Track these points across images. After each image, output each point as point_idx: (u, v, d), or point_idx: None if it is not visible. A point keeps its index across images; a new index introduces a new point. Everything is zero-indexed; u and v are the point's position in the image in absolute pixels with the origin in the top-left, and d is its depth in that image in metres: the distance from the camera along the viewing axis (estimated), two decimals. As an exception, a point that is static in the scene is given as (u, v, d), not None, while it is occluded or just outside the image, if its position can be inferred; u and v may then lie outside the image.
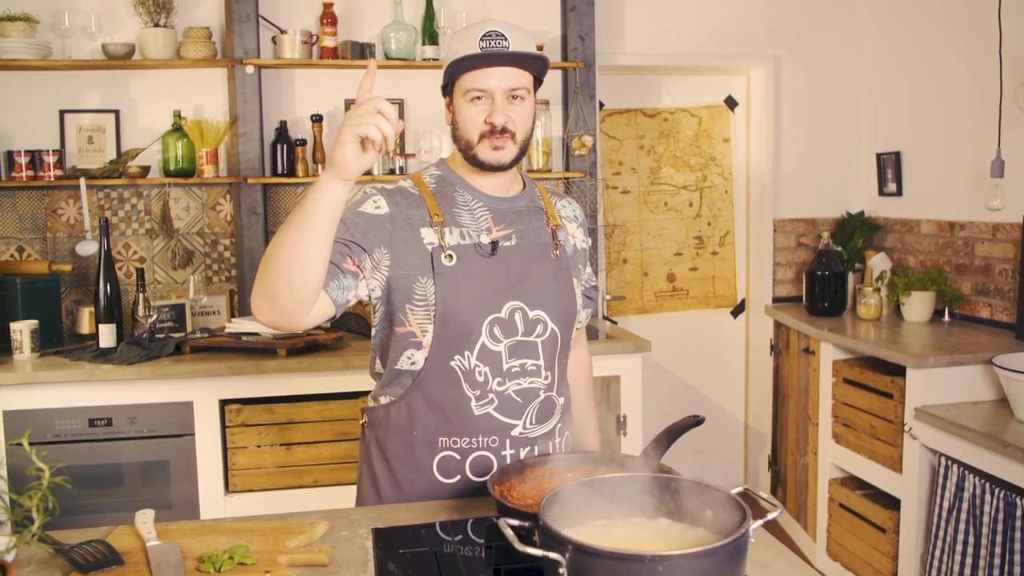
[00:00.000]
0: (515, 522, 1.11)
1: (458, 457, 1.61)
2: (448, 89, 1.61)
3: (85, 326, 3.32)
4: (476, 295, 1.57)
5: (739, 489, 1.17)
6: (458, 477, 1.61)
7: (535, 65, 1.58)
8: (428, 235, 1.58)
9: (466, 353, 1.58)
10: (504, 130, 1.55)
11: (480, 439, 1.60)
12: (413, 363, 1.61)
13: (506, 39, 1.54)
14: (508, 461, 1.60)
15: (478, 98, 1.55)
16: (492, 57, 1.53)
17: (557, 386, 1.67)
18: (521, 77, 1.56)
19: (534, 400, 1.62)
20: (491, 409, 1.59)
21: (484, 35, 1.54)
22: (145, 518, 1.40)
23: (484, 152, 1.57)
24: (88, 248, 3.32)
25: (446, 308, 1.56)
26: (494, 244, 1.61)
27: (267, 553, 1.31)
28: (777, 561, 1.29)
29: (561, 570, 1.01)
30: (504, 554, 1.30)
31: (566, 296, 1.67)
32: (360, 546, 1.38)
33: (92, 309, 3.27)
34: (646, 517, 1.21)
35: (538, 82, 1.61)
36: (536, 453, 1.62)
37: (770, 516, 1.10)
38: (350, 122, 1.31)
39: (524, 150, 1.61)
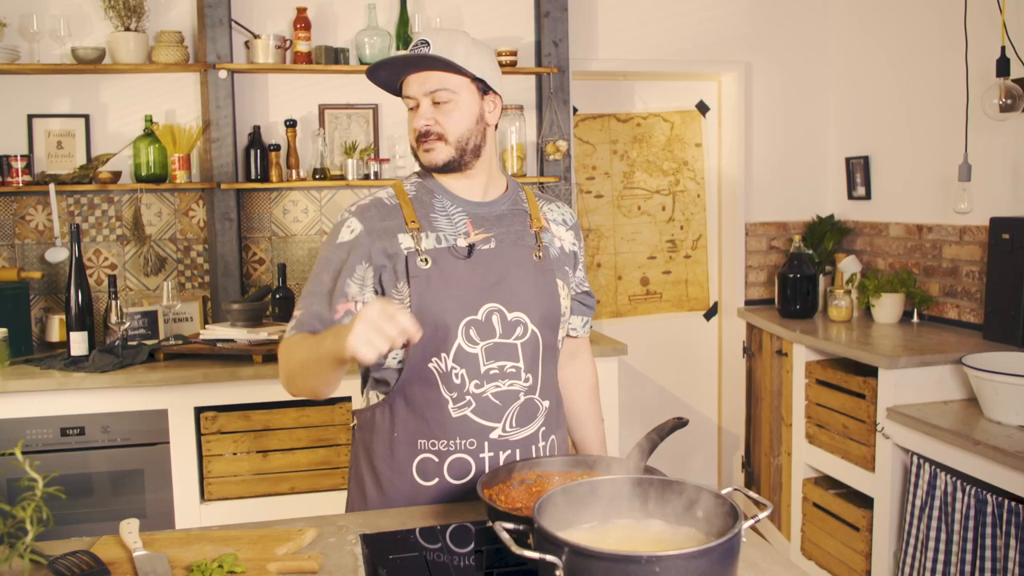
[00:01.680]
0: (509, 525, 1.11)
1: (436, 460, 1.61)
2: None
3: (55, 334, 3.27)
4: (451, 297, 1.57)
5: (729, 489, 1.19)
6: (436, 480, 1.61)
7: (451, 66, 1.57)
8: (405, 240, 1.61)
9: (443, 355, 1.58)
10: (428, 133, 1.59)
11: (458, 441, 1.60)
12: (400, 363, 1.62)
13: (427, 45, 1.58)
14: (487, 464, 1.60)
15: (411, 106, 1.61)
16: (397, 64, 1.58)
17: (541, 389, 1.66)
18: (443, 79, 1.58)
19: (513, 403, 1.61)
20: (468, 411, 1.59)
21: (412, 45, 1.61)
22: (130, 528, 1.39)
23: (421, 155, 1.63)
24: (58, 255, 3.26)
25: (421, 310, 1.56)
26: (471, 247, 1.62)
27: (256, 561, 1.30)
28: (764, 560, 1.31)
29: (558, 572, 1.01)
30: (495, 557, 1.31)
31: (548, 297, 1.67)
32: (349, 552, 1.37)
33: (62, 317, 3.23)
34: (636, 519, 1.22)
35: (482, 82, 1.61)
36: (517, 457, 1.62)
37: (761, 515, 1.12)
38: (370, 332, 1.30)
39: (465, 150, 1.62)
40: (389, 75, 1.62)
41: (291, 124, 3.44)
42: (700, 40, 3.97)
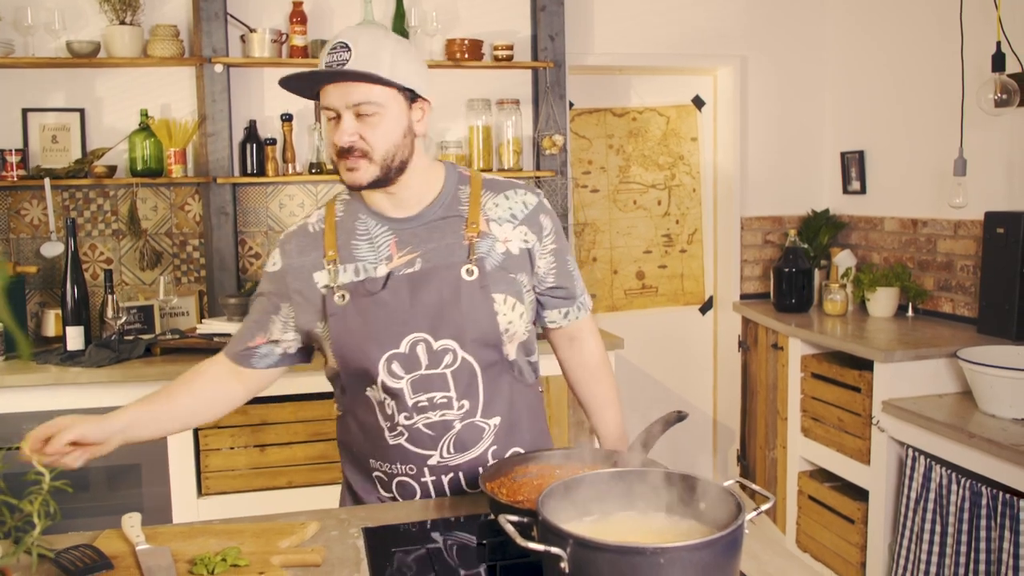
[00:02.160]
0: (514, 518, 1.12)
1: (385, 479, 1.62)
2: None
3: (51, 328, 3.26)
4: (368, 333, 1.51)
5: (731, 481, 1.19)
6: (391, 495, 1.63)
7: (376, 80, 1.44)
8: (321, 278, 1.56)
9: (373, 386, 1.55)
10: (352, 150, 1.46)
11: (399, 465, 1.58)
12: (342, 385, 1.62)
13: (349, 51, 1.43)
14: (431, 487, 1.59)
15: (332, 117, 1.47)
16: (323, 72, 1.44)
17: (484, 410, 1.57)
18: (370, 91, 1.44)
19: (448, 432, 1.55)
20: (403, 441, 1.56)
21: (331, 48, 1.45)
22: (132, 521, 1.39)
23: (342, 172, 1.49)
24: (53, 249, 3.25)
25: (341, 348, 1.54)
26: (388, 276, 1.52)
27: (259, 554, 1.31)
28: (765, 551, 1.32)
29: (563, 564, 1.02)
30: (498, 550, 1.31)
31: (482, 319, 1.53)
32: (352, 545, 1.38)
33: (58, 311, 3.22)
34: (638, 512, 1.23)
35: (413, 93, 1.49)
36: (462, 480, 1.58)
37: (763, 507, 1.12)
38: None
39: (391, 168, 1.49)
40: (304, 82, 1.47)
41: (287, 118, 3.43)
42: (695, 35, 3.97)
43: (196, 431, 2.93)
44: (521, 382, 1.65)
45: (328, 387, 3.00)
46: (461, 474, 1.58)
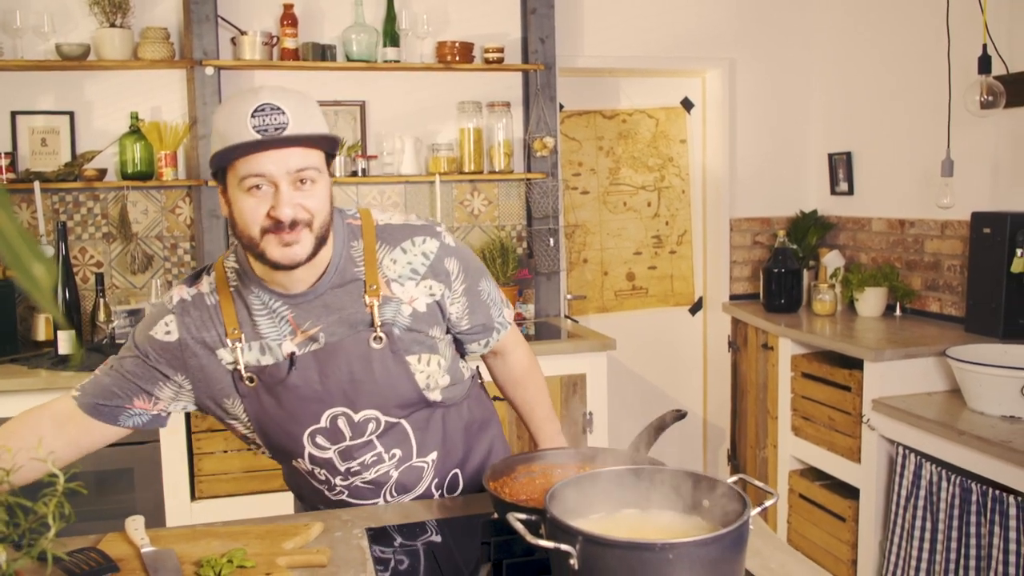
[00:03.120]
0: (522, 516, 1.13)
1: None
2: (219, 176, 1.37)
3: (41, 333, 3.24)
4: (285, 413, 1.46)
5: (735, 478, 1.21)
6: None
7: (324, 142, 1.35)
8: (224, 355, 1.45)
9: (299, 460, 1.53)
10: (294, 223, 1.32)
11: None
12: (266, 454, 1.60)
13: (283, 113, 1.30)
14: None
15: (256, 187, 1.31)
16: (267, 144, 1.29)
17: (419, 451, 1.55)
18: (308, 155, 1.32)
19: (387, 482, 1.55)
20: (345, 496, 1.57)
21: (255, 111, 1.29)
22: (136, 524, 1.39)
23: (273, 250, 1.33)
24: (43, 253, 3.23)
25: (261, 427, 1.49)
26: (291, 357, 1.44)
27: (265, 555, 1.31)
28: (767, 547, 1.33)
29: (572, 561, 1.03)
30: (502, 549, 1.32)
31: (399, 383, 1.47)
32: (356, 546, 1.38)
33: (47, 316, 3.20)
34: (643, 509, 1.24)
35: (330, 156, 1.39)
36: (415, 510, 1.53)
37: (768, 503, 1.14)
38: None
39: (323, 238, 1.38)
40: (232, 153, 1.30)
41: (278, 121, 3.43)
42: (685, 37, 4.00)
43: (189, 435, 2.92)
44: (451, 406, 1.60)
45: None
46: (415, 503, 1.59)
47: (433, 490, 1.60)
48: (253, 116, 1.29)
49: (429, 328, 1.50)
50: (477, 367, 1.78)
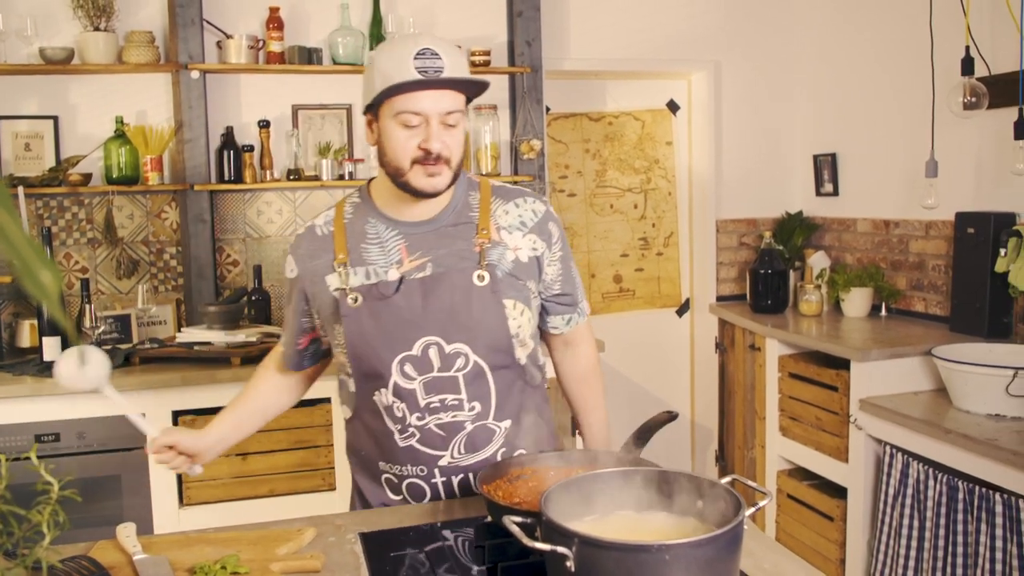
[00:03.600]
0: (517, 519, 1.13)
1: (396, 480, 1.63)
2: (371, 108, 1.51)
3: (26, 339, 3.21)
4: (382, 335, 1.53)
5: (728, 479, 1.21)
6: (400, 497, 1.64)
7: (472, 88, 1.51)
8: (333, 281, 1.58)
9: (383, 390, 1.57)
10: (439, 157, 1.47)
11: (409, 468, 1.60)
12: (351, 390, 1.64)
13: (441, 59, 1.45)
14: (440, 488, 1.60)
15: (411, 122, 1.46)
16: (429, 84, 1.45)
17: (496, 413, 1.59)
18: (457, 99, 1.49)
19: (459, 432, 1.57)
20: (414, 442, 1.58)
21: (418, 53, 1.44)
22: (128, 531, 1.38)
23: (417, 179, 1.49)
24: (27, 259, 3.21)
25: (355, 351, 1.56)
26: (400, 280, 1.54)
27: (259, 561, 1.30)
28: (760, 548, 1.34)
29: (568, 563, 1.03)
30: (497, 552, 1.32)
31: (494, 324, 1.56)
32: (350, 551, 1.38)
33: (33, 322, 3.17)
34: (637, 510, 1.24)
35: (468, 100, 1.54)
36: (474, 481, 1.54)
37: (762, 503, 1.15)
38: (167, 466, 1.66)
39: (458, 173, 1.54)
40: (405, 88, 1.46)
41: (264, 125, 3.42)
42: (670, 39, 4.01)
43: (177, 440, 2.91)
44: (530, 385, 1.67)
45: (309, 394, 3.01)
46: (471, 475, 1.59)
47: (498, 458, 1.60)
48: (416, 58, 1.44)
49: (527, 279, 1.61)
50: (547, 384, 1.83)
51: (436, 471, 1.59)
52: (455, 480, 1.60)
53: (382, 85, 1.45)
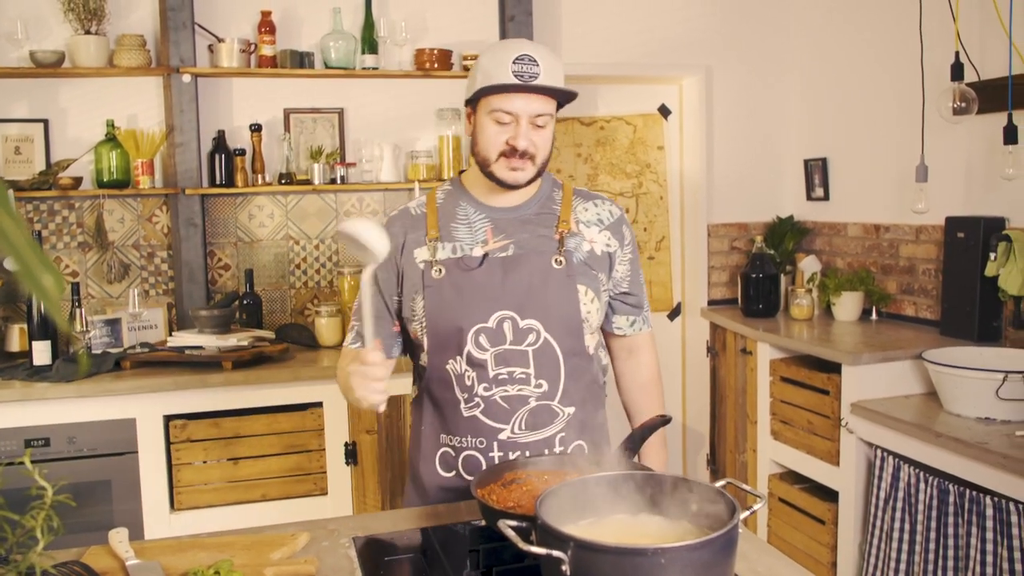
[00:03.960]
0: (513, 523, 1.13)
1: (453, 454, 1.68)
2: (471, 102, 1.66)
3: (15, 344, 3.19)
4: (461, 305, 1.62)
5: (723, 482, 1.22)
6: (453, 473, 1.68)
7: (563, 95, 1.63)
8: (421, 253, 1.68)
9: (457, 358, 1.64)
10: (524, 153, 1.60)
11: (469, 439, 1.66)
12: (422, 363, 1.71)
13: (537, 65, 1.58)
14: (496, 462, 1.65)
15: (502, 120, 1.60)
16: (523, 88, 1.58)
17: (562, 397, 1.66)
18: (547, 104, 1.61)
19: (523, 407, 1.64)
20: (478, 412, 1.65)
21: (517, 58, 1.57)
22: (120, 537, 1.37)
23: (501, 171, 1.63)
24: (13, 263, 3.19)
25: (433, 320, 1.64)
26: (484, 256, 1.65)
27: (252, 567, 1.30)
28: (754, 551, 1.34)
29: (564, 567, 1.03)
30: (491, 556, 1.32)
31: (566, 305, 1.66)
32: (344, 555, 1.38)
33: (22, 326, 3.16)
34: (631, 514, 1.25)
35: (560, 105, 1.66)
36: (528, 455, 1.64)
37: (756, 507, 1.15)
38: (365, 387, 1.49)
39: (542, 170, 1.67)
40: (500, 89, 1.60)
41: (256, 128, 3.42)
42: (662, 44, 4.03)
43: (168, 445, 2.90)
44: (596, 383, 1.76)
45: (301, 398, 3.01)
46: (528, 453, 1.64)
47: (556, 443, 1.67)
48: (514, 63, 1.57)
49: (599, 271, 1.73)
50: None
51: (495, 444, 1.64)
52: (511, 456, 1.64)
53: (482, 83, 1.60)
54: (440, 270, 1.65)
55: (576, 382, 1.68)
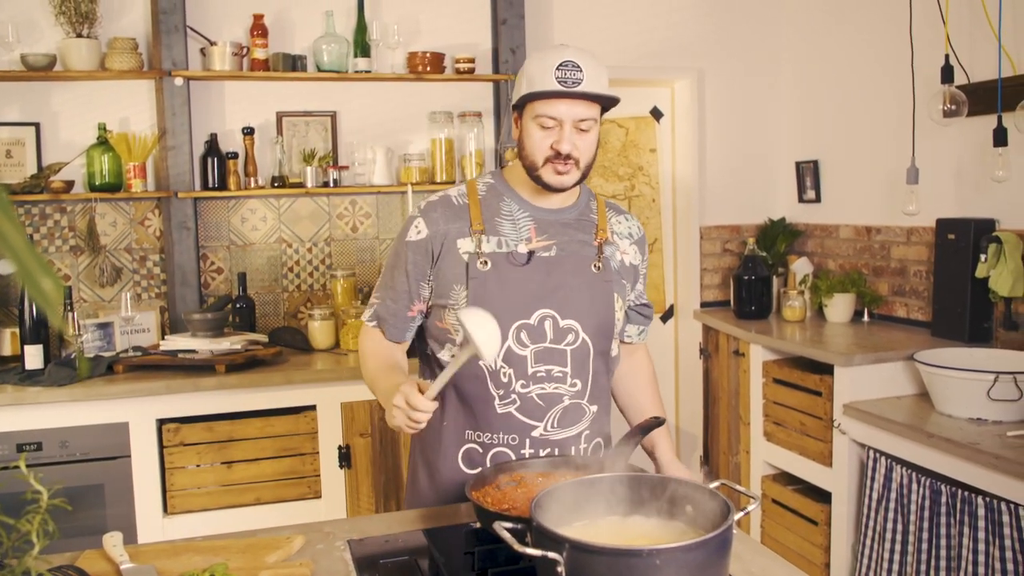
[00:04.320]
0: (508, 525, 1.13)
1: (480, 450, 1.68)
2: (518, 107, 1.68)
3: (6, 348, 3.18)
4: (505, 300, 1.63)
5: (716, 483, 1.22)
6: (478, 469, 1.67)
7: (607, 100, 1.64)
8: (464, 244, 1.68)
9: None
10: (568, 157, 1.62)
11: (501, 436, 1.66)
12: (452, 356, 1.69)
13: (581, 71, 1.59)
14: (527, 458, 1.65)
15: (547, 125, 1.62)
16: (567, 95, 1.59)
17: (590, 395, 1.71)
18: (591, 109, 1.62)
19: (557, 405, 1.66)
20: (513, 409, 1.65)
21: (560, 64, 1.59)
22: (114, 541, 1.37)
23: (548, 175, 1.65)
24: (8, 267, 3.18)
25: None
26: (530, 253, 1.67)
27: (247, 570, 1.30)
28: (748, 551, 1.35)
29: (559, 568, 1.03)
30: (486, 558, 1.32)
31: (603, 309, 1.70)
32: (339, 558, 1.38)
33: (14, 330, 3.15)
34: (626, 515, 1.25)
35: (604, 109, 1.67)
36: (557, 454, 1.66)
37: (751, 507, 1.15)
38: (401, 419, 1.46)
39: (586, 173, 1.68)
40: (544, 95, 1.61)
41: (248, 132, 3.41)
42: (654, 47, 4.04)
43: (161, 449, 2.89)
44: (609, 382, 1.81)
45: (295, 402, 3.00)
46: (557, 451, 1.67)
47: (582, 440, 1.71)
48: (558, 69, 1.59)
49: (627, 281, 1.80)
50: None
51: (527, 441, 1.66)
52: (541, 453, 1.66)
53: (527, 89, 1.62)
54: (486, 262, 1.65)
55: (601, 381, 1.74)
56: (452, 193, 1.74)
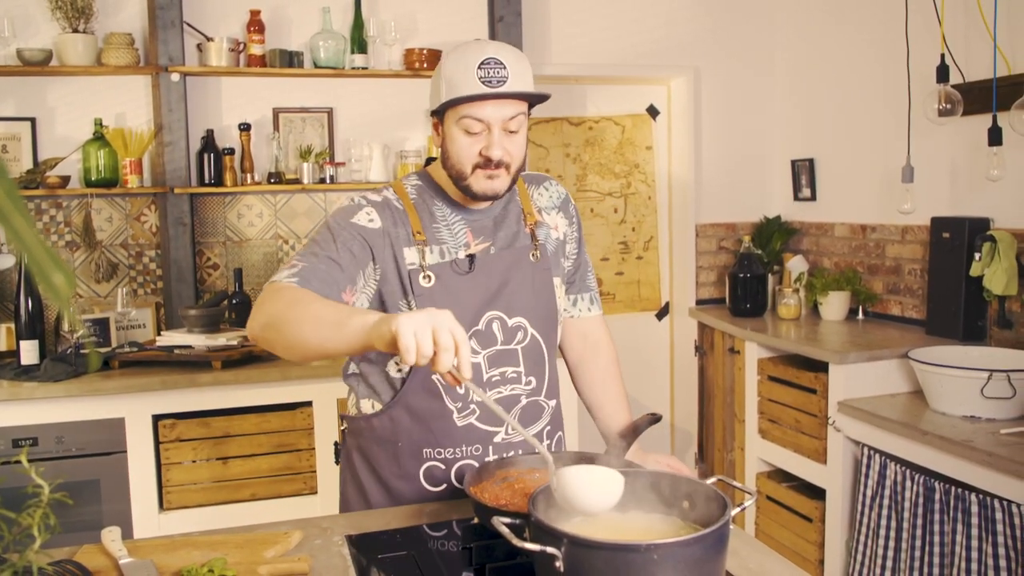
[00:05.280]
0: (506, 520, 1.14)
1: (443, 467, 1.63)
2: (437, 112, 1.56)
3: (2, 343, 3.17)
4: (455, 312, 1.50)
5: (713, 479, 1.23)
6: (444, 485, 1.63)
7: (535, 97, 1.54)
8: (410, 255, 1.58)
9: None
10: (500, 162, 1.52)
11: (464, 448, 1.62)
12: (400, 371, 1.62)
13: (505, 68, 1.48)
14: None
15: (476, 130, 1.50)
16: (489, 96, 1.48)
17: (546, 391, 1.69)
18: (519, 106, 1.52)
19: (515, 406, 1.64)
20: (473, 419, 1.62)
21: (482, 63, 1.47)
22: (113, 535, 1.37)
23: (478, 183, 1.54)
24: (5, 262, 3.18)
25: None
26: (471, 259, 1.61)
27: (246, 564, 1.30)
28: (744, 547, 1.36)
29: (557, 563, 1.04)
30: (484, 553, 1.33)
31: (546, 298, 1.68)
32: (337, 553, 1.38)
33: (10, 325, 3.14)
34: (623, 511, 1.25)
35: (531, 105, 1.57)
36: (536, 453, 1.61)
37: (747, 503, 1.16)
38: (424, 329, 1.19)
39: (516, 177, 1.59)
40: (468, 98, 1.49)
41: (245, 128, 3.41)
42: (650, 45, 4.04)
43: (156, 445, 2.89)
44: (556, 371, 1.74)
45: (291, 398, 3.00)
46: (520, 452, 1.63)
47: (544, 437, 1.70)
48: (480, 68, 1.47)
49: (562, 257, 1.75)
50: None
51: (490, 448, 1.63)
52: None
53: (447, 93, 1.50)
54: (429, 277, 1.57)
55: (553, 376, 1.70)
56: (389, 195, 1.62)
